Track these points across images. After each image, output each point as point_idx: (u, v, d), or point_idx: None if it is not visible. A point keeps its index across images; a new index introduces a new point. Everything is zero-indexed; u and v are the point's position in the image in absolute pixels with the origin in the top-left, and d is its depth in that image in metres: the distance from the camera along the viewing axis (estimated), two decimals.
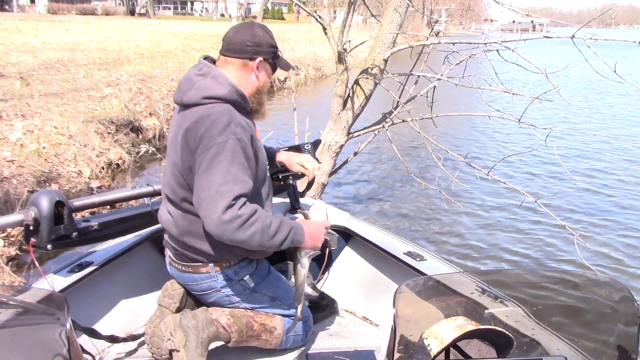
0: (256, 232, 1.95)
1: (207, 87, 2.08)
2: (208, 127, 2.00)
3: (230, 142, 1.98)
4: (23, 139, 7.10)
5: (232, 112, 2.06)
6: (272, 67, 2.22)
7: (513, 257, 5.70)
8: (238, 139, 2.00)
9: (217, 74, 2.12)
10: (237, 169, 1.98)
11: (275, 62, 2.21)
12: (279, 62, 2.23)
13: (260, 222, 1.96)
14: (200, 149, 2.00)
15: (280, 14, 67.95)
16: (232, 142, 1.98)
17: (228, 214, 1.92)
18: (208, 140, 1.98)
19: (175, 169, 2.12)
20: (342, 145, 5.44)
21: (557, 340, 1.54)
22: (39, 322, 1.46)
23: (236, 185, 1.95)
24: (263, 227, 1.97)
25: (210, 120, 2.01)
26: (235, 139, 1.99)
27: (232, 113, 2.05)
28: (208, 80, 2.10)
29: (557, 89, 4.46)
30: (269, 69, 2.21)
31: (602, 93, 18.15)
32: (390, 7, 5.13)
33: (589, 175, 8.64)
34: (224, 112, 2.04)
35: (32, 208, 2.21)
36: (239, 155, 1.99)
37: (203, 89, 2.08)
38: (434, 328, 1.57)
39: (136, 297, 2.74)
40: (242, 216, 1.93)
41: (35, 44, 18.07)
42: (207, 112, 2.04)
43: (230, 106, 2.08)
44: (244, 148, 2.02)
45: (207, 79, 2.10)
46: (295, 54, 20.90)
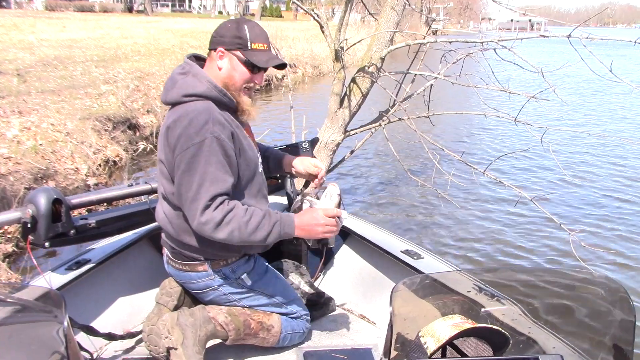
0: (233, 230, 1.95)
1: (187, 85, 2.10)
2: (186, 126, 2.01)
3: (207, 141, 1.98)
4: (20, 136, 7.09)
5: (212, 109, 2.05)
6: (242, 61, 2.11)
7: (509, 256, 5.71)
8: (215, 137, 1.99)
9: (197, 71, 2.13)
10: (215, 168, 1.98)
11: (246, 55, 2.11)
12: (250, 55, 2.10)
13: (236, 220, 1.96)
14: (179, 149, 2.01)
15: (279, 11, 67.85)
16: (209, 141, 1.98)
17: (205, 216, 1.96)
18: (185, 140, 1.99)
19: (164, 167, 2.13)
20: (339, 143, 5.45)
21: (554, 338, 1.55)
22: (37, 320, 1.46)
23: (213, 186, 1.96)
24: (240, 225, 1.96)
25: (188, 119, 2.02)
26: (213, 137, 1.99)
27: (211, 110, 2.05)
28: (189, 79, 2.11)
29: (553, 87, 4.48)
30: (236, 61, 2.12)
31: (599, 92, 18.19)
32: (387, 5, 5.14)
33: (585, 173, 8.67)
34: (202, 110, 2.04)
35: (29, 206, 2.20)
36: (216, 154, 1.99)
37: (184, 88, 2.09)
38: (430, 326, 1.57)
39: (134, 294, 2.74)
40: (216, 217, 1.95)
41: (33, 40, 18.02)
42: (186, 110, 2.05)
43: (211, 103, 2.08)
44: (222, 146, 2.01)
45: (188, 77, 2.12)
46: (293, 51, 20.88)
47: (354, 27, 23.19)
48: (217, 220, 1.95)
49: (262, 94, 16.04)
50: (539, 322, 1.57)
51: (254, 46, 2.10)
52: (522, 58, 4.52)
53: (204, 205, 1.95)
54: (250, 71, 2.14)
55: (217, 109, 2.08)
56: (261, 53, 2.12)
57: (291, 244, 2.96)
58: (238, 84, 2.14)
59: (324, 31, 5.22)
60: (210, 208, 1.95)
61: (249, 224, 1.96)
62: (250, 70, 2.13)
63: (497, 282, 1.66)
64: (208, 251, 2.20)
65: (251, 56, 2.10)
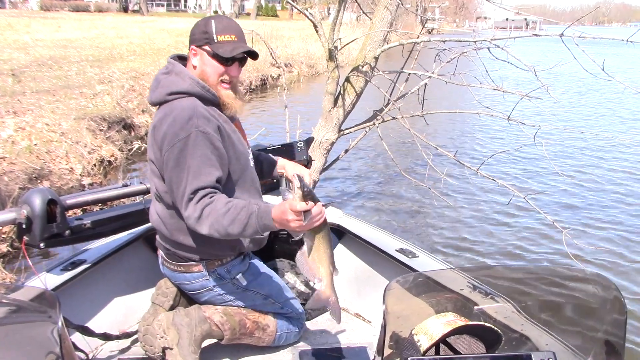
0: (212, 224, 1.92)
1: (170, 83, 2.11)
2: (171, 123, 2.02)
3: (192, 135, 1.99)
4: (14, 136, 7.07)
5: (196, 105, 2.06)
6: (211, 54, 2.11)
7: (502, 253, 5.73)
8: (201, 132, 2.00)
9: (180, 70, 2.14)
10: (198, 162, 1.98)
11: (212, 48, 2.10)
12: (216, 47, 2.09)
13: (214, 214, 1.93)
14: (166, 146, 2.02)
15: (274, 11, 67.78)
16: (194, 135, 1.99)
17: (187, 210, 1.96)
18: (171, 137, 2.01)
19: (154, 166, 2.14)
20: (333, 143, 5.45)
21: (546, 335, 1.56)
22: (31, 320, 1.46)
23: (195, 180, 1.96)
24: (217, 218, 1.92)
25: (173, 117, 2.03)
26: (197, 131, 2.00)
27: (195, 106, 2.06)
28: (172, 77, 2.13)
29: (546, 86, 4.50)
30: (205, 56, 2.12)
31: (593, 90, 18.24)
32: (380, 4, 5.14)
33: (577, 171, 8.71)
34: (186, 106, 2.05)
35: (24, 206, 2.20)
36: (201, 148, 1.99)
37: (167, 86, 2.11)
38: (424, 324, 1.58)
39: (129, 295, 2.74)
40: (196, 211, 1.94)
41: (28, 40, 17.96)
42: (171, 108, 2.07)
43: (196, 99, 2.09)
44: (208, 139, 2.02)
45: (171, 76, 2.14)
46: (288, 51, 20.88)
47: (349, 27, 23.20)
48: (196, 215, 1.94)
49: (257, 94, 16.04)
50: (531, 319, 1.58)
51: (220, 38, 2.09)
52: (515, 57, 4.54)
53: (187, 199, 1.96)
54: (222, 64, 2.12)
55: (202, 105, 2.08)
56: (227, 44, 2.10)
57: (287, 243, 2.97)
58: (212, 79, 2.13)
59: (317, 30, 5.22)
60: (192, 202, 1.95)
61: (225, 216, 1.91)
62: (221, 63, 2.12)
63: (490, 280, 1.67)
64: (202, 251, 2.20)
65: (217, 48, 2.09)
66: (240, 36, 2.14)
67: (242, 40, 2.14)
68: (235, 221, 1.90)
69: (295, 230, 1.85)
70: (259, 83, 16.66)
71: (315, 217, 1.81)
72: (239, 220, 1.89)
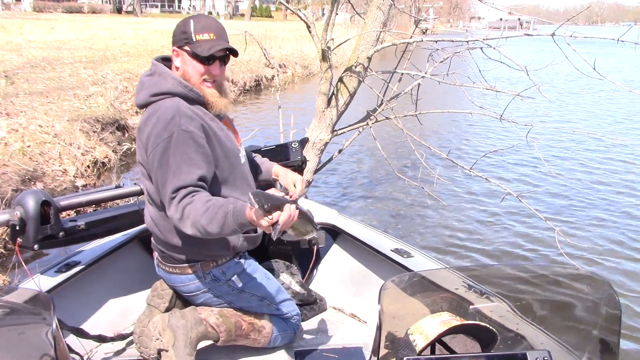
0: (193, 224, 1.91)
1: (153, 84, 2.12)
2: (154, 124, 2.03)
3: (175, 135, 1.99)
4: (7, 137, 7.05)
5: (179, 104, 2.06)
6: (190, 54, 2.10)
7: (496, 252, 5.75)
8: (183, 130, 2.00)
9: (162, 70, 2.14)
10: (178, 160, 1.98)
11: (192, 48, 2.09)
12: (195, 47, 2.08)
13: (193, 214, 1.91)
14: (150, 147, 2.02)
15: (268, 11, 67.75)
16: (175, 134, 1.99)
17: (171, 210, 1.96)
18: (155, 137, 2.01)
19: (143, 167, 2.14)
20: (327, 143, 5.46)
21: (541, 334, 1.56)
22: (25, 322, 1.46)
23: (175, 178, 1.96)
24: (196, 217, 1.90)
25: (156, 117, 2.04)
26: (180, 130, 2.00)
27: (178, 106, 2.05)
28: (155, 78, 2.13)
29: (538, 86, 4.53)
30: (186, 56, 2.11)
31: (585, 90, 18.32)
32: (373, 5, 5.16)
33: (570, 170, 8.75)
34: (169, 106, 2.05)
35: (17, 208, 2.19)
36: (182, 146, 1.99)
37: (150, 88, 2.12)
38: (419, 324, 1.58)
39: (124, 296, 2.73)
40: (177, 211, 1.94)
41: (21, 42, 17.87)
42: (154, 109, 2.07)
43: (179, 99, 2.08)
44: (192, 137, 2.01)
45: (154, 77, 2.14)
46: (282, 51, 20.89)
47: (343, 27, 23.24)
48: (178, 215, 1.94)
49: (251, 95, 16.03)
50: (526, 318, 1.58)
51: (198, 37, 2.08)
52: (507, 57, 4.57)
53: (169, 198, 1.96)
54: (202, 63, 2.11)
55: (186, 104, 2.08)
56: (205, 43, 2.08)
57: (281, 244, 2.97)
58: (194, 79, 2.12)
59: (310, 31, 5.24)
60: (174, 202, 1.95)
61: (204, 216, 1.89)
62: (201, 62, 2.10)
63: (485, 280, 1.67)
64: (197, 252, 2.20)
65: (196, 48, 2.08)
66: (220, 34, 2.12)
67: (221, 38, 2.12)
68: (213, 220, 1.88)
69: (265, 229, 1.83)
70: (253, 84, 16.65)
71: (285, 223, 1.81)
72: (217, 220, 1.87)
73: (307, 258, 3.00)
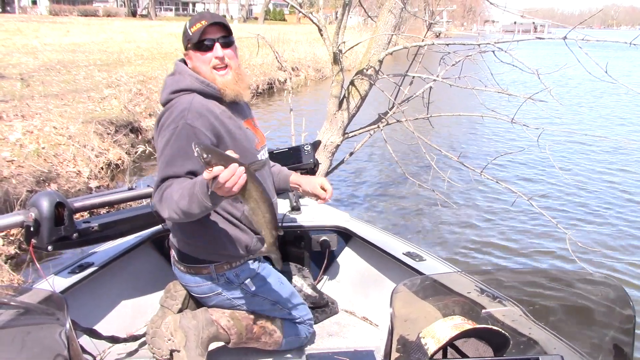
0: (170, 205, 1.92)
1: (173, 82, 2.16)
2: (166, 117, 2.07)
3: (179, 127, 2.02)
4: (23, 139, 7.13)
5: (194, 100, 2.08)
6: (192, 49, 2.14)
7: (506, 255, 5.74)
8: (188, 124, 2.02)
9: (182, 69, 2.18)
10: (174, 151, 2.00)
11: (190, 42, 2.13)
12: (191, 39, 2.12)
13: (168, 195, 1.94)
14: (158, 136, 2.09)
15: (282, 15, 68.01)
16: (179, 127, 2.02)
17: (155, 196, 2.01)
18: (163, 128, 2.06)
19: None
20: (338, 145, 5.47)
21: (554, 339, 1.55)
22: (39, 323, 1.47)
23: (166, 168, 2.00)
24: (171, 196, 1.91)
25: (169, 112, 2.08)
26: (185, 124, 2.02)
27: (192, 101, 2.08)
28: (176, 77, 2.17)
29: (549, 89, 4.51)
30: (192, 53, 2.15)
31: (598, 93, 18.20)
32: (384, 8, 5.17)
33: (581, 174, 8.71)
34: (183, 101, 2.08)
35: (32, 209, 2.21)
36: (181, 140, 2.01)
37: (170, 86, 2.15)
38: (431, 327, 1.57)
39: (137, 297, 2.74)
40: (157, 195, 1.99)
41: (36, 45, 18.10)
42: (171, 105, 2.11)
43: (196, 95, 2.11)
44: (194, 133, 2.02)
45: (175, 76, 2.18)
46: (295, 55, 20.94)
47: (356, 30, 23.24)
48: (157, 199, 1.98)
49: (264, 97, 16.08)
50: (539, 322, 1.57)
51: (193, 30, 2.11)
52: (519, 60, 4.55)
53: (156, 186, 2.00)
54: (202, 51, 2.13)
55: (201, 100, 2.10)
56: (198, 30, 2.10)
57: (293, 246, 2.97)
58: (204, 70, 2.14)
59: (322, 34, 5.25)
60: (159, 189, 1.99)
61: (176, 193, 1.90)
62: (201, 51, 2.13)
63: (497, 283, 1.66)
64: (211, 252, 2.21)
65: (192, 39, 2.12)
66: (212, 17, 2.14)
67: (213, 19, 2.12)
68: (183, 193, 1.88)
69: (222, 196, 1.77)
70: (265, 87, 16.71)
71: (227, 182, 1.70)
72: (186, 193, 1.87)
73: (319, 261, 3.00)
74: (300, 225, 2.95)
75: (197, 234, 2.18)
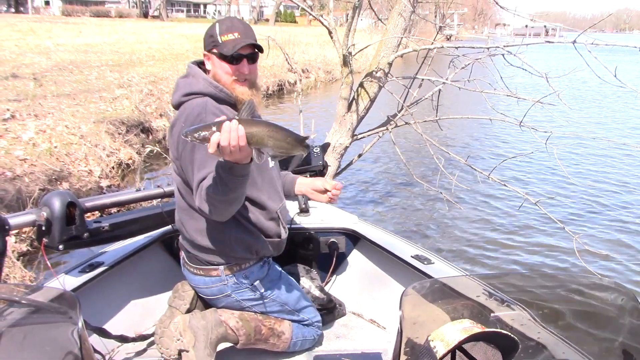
0: (208, 200, 1.90)
1: (186, 85, 2.17)
2: (183, 121, 2.07)
3: None
4: (35, 138, 7.20)
5: (207, 103, 2.09)
6: (218, 56, 2.13)
7: (515, 259, 5.73)
8: None
9: (196, 72, 2.19)
10: (203, 155, 1.98)
11: (218, 49, 2.12)
12: (221, 48, 2.11)
13: (204, 190, 1.92)
14: (181, 144, 2.07)
15: (293, 17, 68.07)
16: None
17: (197, 199, 1.98)
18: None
19: (175, 164, 2.17)
20: (347, 147, 5.48)
21: (563, 344, 1.54)
22: (52, 321, 1.47)
23: (199, 172, 1.99)
24: (207, 192, 1.90)
25: (185, 116, 2.09)
26: None
27: (206, 104, 2.08)
28: (188, 79, 2.19)
29: (557, 92, 4.51)
30: (215, 59, 2.15)
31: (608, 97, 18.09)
32: (394, 11, 5.18)
33: (589, 177, 8.69)
34: (197, 105, 2.09)
35: (44, 208, 2.22)
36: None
37: (183, 88, 2.17)
38: (440, 330, 1.57)
39: (146, 297, 2.76)
40: (197, 198, 1.97)
41: (49, 45, 18.23)
42: (184, 108, 2.12)
43: (208, 99, 2.12)
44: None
45: (188, 78, 2.19)
46: (305, 57, 20.96)
47: (366, 32, 23.24)
48: (199, 203, 1.96)
49: (274, 99, 16.11)
50: (548, 327, 1.57)
51: (224, 39, 2.10)
52: (528, 64, 4.55)
53: (194, 189, 2.00)
54: (229, 63, 2.13)
55: (214, 103, 2.11)
56: (230, 42, 2.10)
57: (302, 248, 2.97)
58: (224, 79, 2.15)
59: (332, 36, 5.27)
60: (198, 193, 1.97)
61: (209, 187, 1.89)
62: (228, 62, 2.13)
63: (505, 287, 1.66)
64: (222, 253, 2.22)
65: (222, 48, 2.11)
66: (245, 32, 2.13)
67: (246, 36, 2.12)
68: (214, 185, 1.86)
69: (239, 160, 1.74)
70: (276, 88, 16.74)
71: (226, 142, 1.65)
72: (214, 183, 1.86)
73: (327, 263, 3.00)
74: (308, 227, 2.96)
75: (207, 236, 2.19)
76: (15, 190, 5.60)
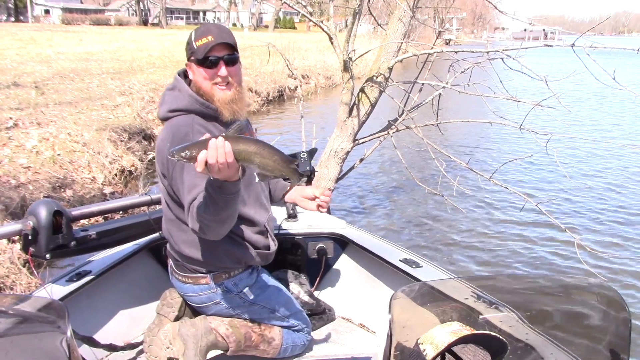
0: (201, 221, 1.88)
1: (172, 100, 2.14)
2: (171, 142, 2.02)
3: None
4: (38, 146, 7.24)
5: (193, 122, 2.07)
6: (195, 62, 2.09)
7: (515, 261, 5.73)
8: None
9: (182, 87, 2.14)
10: (192, 176, 1.96)
11: (194, 55, 2.07)
12: (197, 53, 2.06)
13: (195, 213, 1.90)
14: (171, 165, 2.03)
15: (292, 23, 68.26)
16: None
17: (189, 221, 1.96)
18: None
19: (161, 179, 2.16)
20: (348, 152, 5.49)
21: (551, 344, 1.54)
22: (40, 330, 1.46)
23: (189, 194, 1.97)
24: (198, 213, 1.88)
25: (172, 135, 2.05)
26: None
27: (192, 123, 2.06)
28: (175, 93, 2.15)
29: (557, 95, 4.52)
30: (194, 67, 2.10)
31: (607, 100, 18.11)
32: (394, 16, 5.20)
33: (589, 179, 8.70)
34: (183, 124, 2.07)
35: (30, 218, 2.21)
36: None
37: (169, 103, 2.14)
38: (429, 333, 1.56)
39: (134, 306, 2.74)
40: (190, 222, 1.94)
41: (50, 54, 18.30)
42: (170, 126, 2.10)
43: (194, 116, 2.09)
44: None
45: (174, 92, 2.16)
46: (305, 62, 20.99)
47: (366, 38, 23.28)
48: (192, 225, 1.94)
49: (274, 105, 16.13)
50: (536, 328, 1.57)
51: (198, 44, 2.06)
52: (527, 67, 4.56)
53: (186, 211, 1.97)
54: (206, 67, 2.08)
55: (201, 121, 2.09)
56: (203, 46, 2.05)
57: (290, 254, 2.97)
58: (204, 85, 2.10)
59: (332, 42, 5.28)
60: (190, 215, 1.95)
61: (199, 207, 1.87)
62: (204, 67, 2.08)
63: (493, 289, 1.66)
64: (209, 263, 2.21)
65: (196, 54, 2.07)
66: (219, 35, 2.07)
67: (220, 38, 2.07)
68: (204, 204, 1.84)
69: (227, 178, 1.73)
70: (276, 94, 16.75)
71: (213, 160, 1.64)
72: (205, 202, 1.84)
73: (316, 268, 2.99)
74: (296, 233, 2.95)
75: (195, 247, 2.18)
76: (19, 197, 5.62)
